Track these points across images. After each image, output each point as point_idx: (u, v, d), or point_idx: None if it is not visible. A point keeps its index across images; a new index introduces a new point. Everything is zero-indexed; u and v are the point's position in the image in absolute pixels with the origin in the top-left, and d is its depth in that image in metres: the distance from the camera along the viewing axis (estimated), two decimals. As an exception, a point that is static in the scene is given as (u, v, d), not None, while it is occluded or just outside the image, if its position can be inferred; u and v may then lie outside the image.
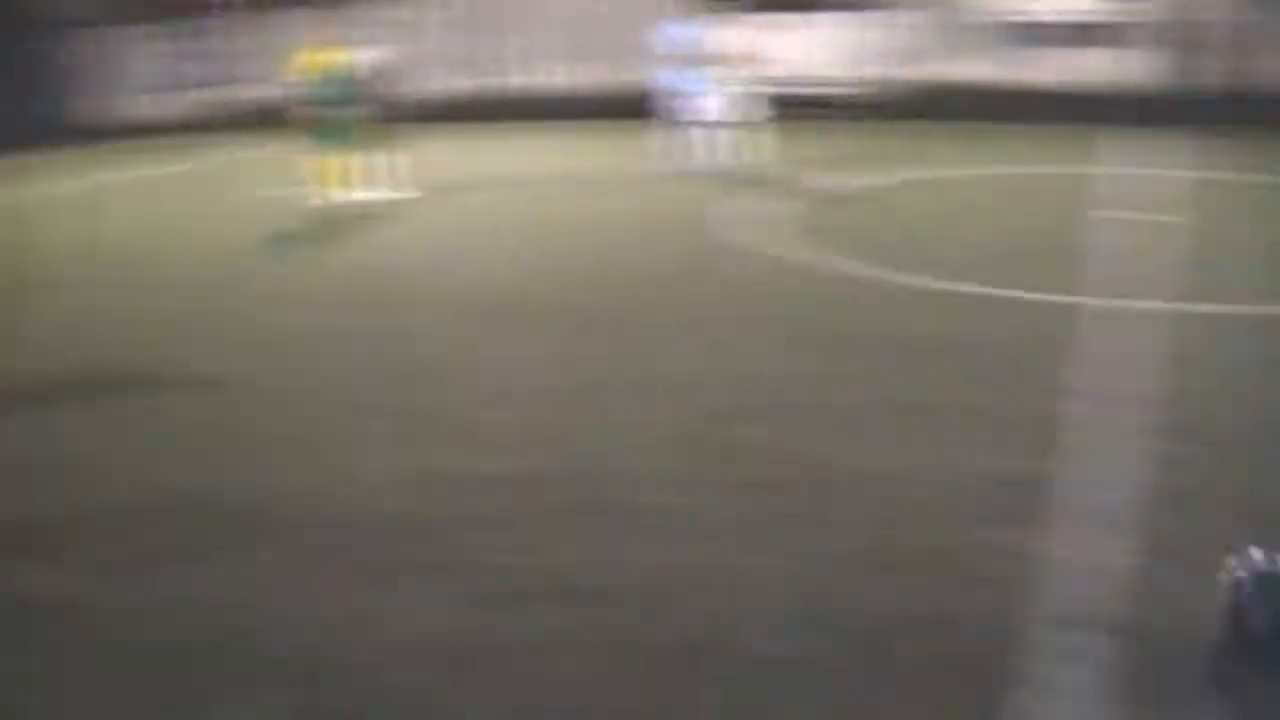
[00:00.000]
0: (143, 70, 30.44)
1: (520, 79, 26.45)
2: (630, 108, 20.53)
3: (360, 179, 14.33)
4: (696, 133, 15.63)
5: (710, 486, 5.40)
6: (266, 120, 24.59)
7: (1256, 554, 3.78)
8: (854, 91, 23.47)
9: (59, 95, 31.30)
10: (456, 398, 6.93)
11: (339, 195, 14.16)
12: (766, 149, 15.97)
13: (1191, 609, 3.97)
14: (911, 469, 5.51)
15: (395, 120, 14.61)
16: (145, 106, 30.07)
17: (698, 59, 15.54)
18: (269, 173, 17.48)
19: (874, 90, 23.51)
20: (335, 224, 13.31)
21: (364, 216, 13.63)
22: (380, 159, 14.51)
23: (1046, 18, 22.04)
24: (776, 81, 19.64)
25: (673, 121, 15.72)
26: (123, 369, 7.97)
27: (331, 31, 15.07)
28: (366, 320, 8.92)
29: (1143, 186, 13.54)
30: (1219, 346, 7.42)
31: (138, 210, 15.57)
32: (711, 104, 15.52)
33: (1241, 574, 3.75)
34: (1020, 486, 5.17)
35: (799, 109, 22.06)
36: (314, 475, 5.79)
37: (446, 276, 10.40)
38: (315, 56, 14.26)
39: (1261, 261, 9.73)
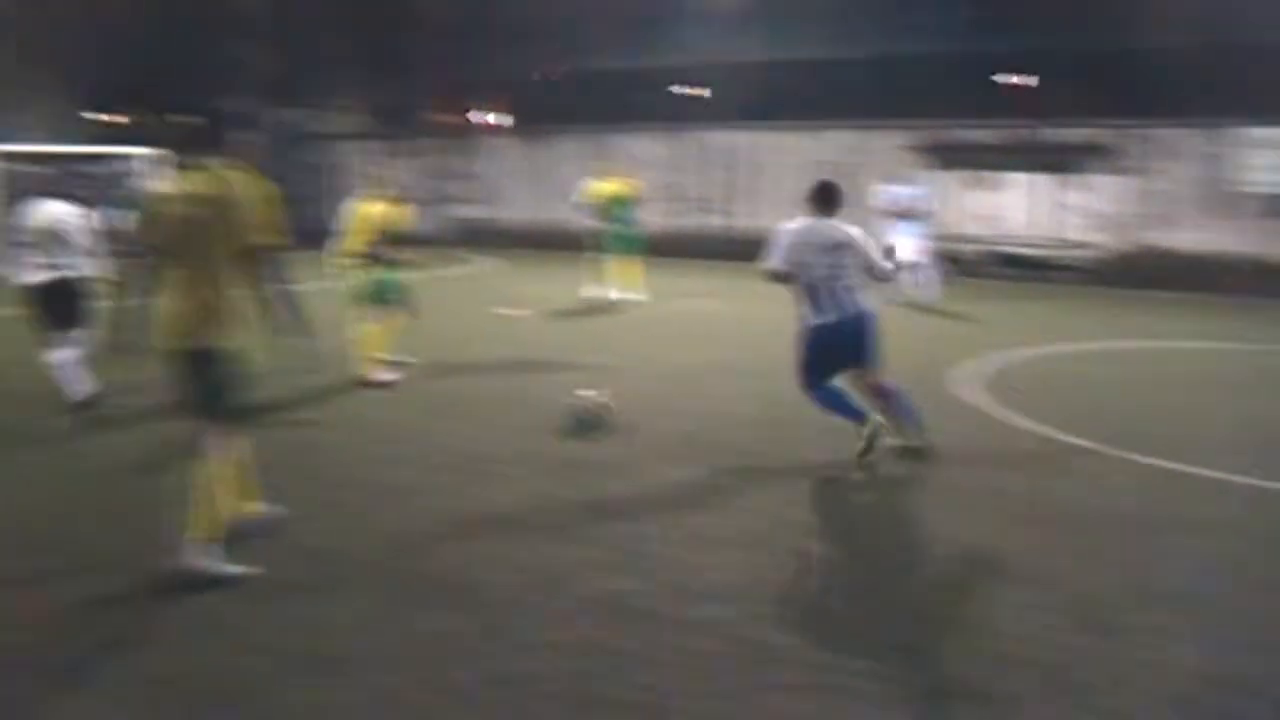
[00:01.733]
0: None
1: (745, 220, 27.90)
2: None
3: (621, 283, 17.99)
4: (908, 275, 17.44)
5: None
6: (512, 241, 29.46)
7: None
8: (1060, 254, 24.32)
9: (326, 201, 33.99)
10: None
11: (619, 294, 17.91)
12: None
13: None
14: None
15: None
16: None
17: (911, 213, 18.33)
18: (505, 291, 19.64)
19: (1081, 254, 24.17)
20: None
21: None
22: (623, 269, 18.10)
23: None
24: (978, 239, 23.48)
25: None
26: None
27: (615, 166, 19.22)
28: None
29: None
30: None
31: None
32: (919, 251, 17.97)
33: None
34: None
35: (1002, 268, 24.37)
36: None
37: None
38: (607, 185, 18.18)
39: None
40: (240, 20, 38.84)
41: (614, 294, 17.76)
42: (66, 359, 9.82)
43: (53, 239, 9.77)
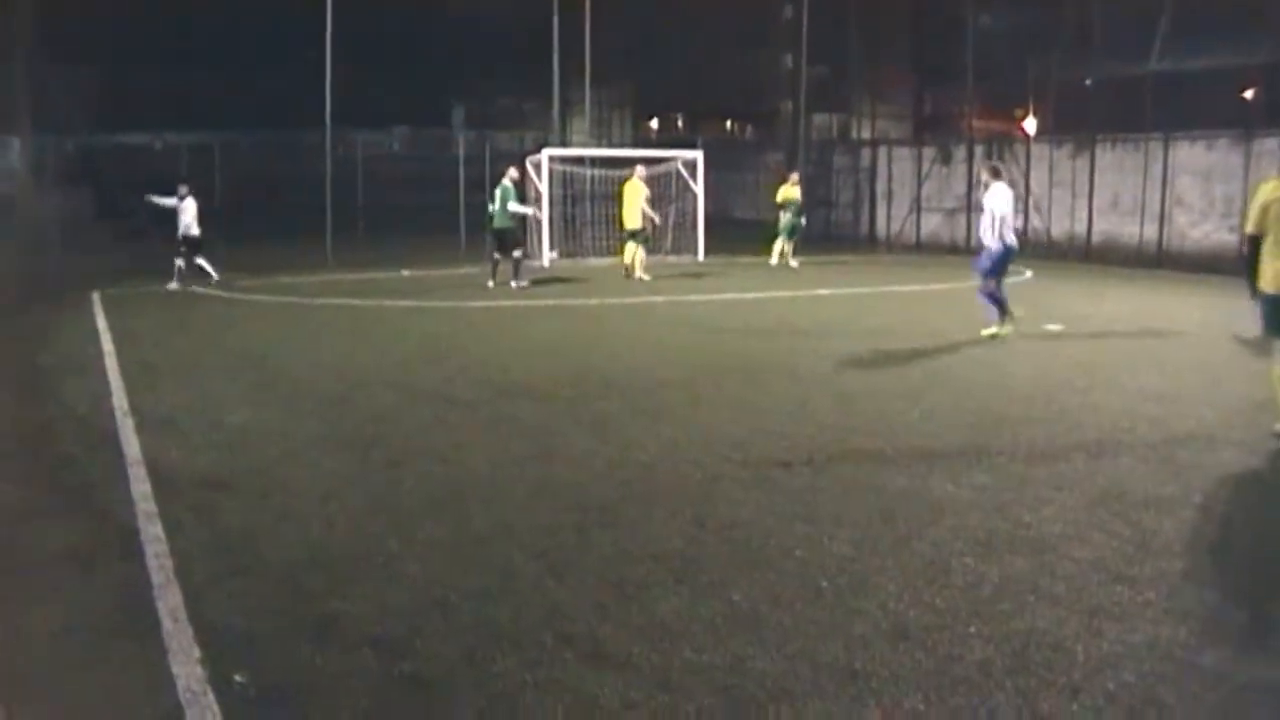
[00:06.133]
0: (932, 189, 33.59)
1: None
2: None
3: None
4: None
5: None
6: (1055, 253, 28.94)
7: None
8: None
9: (857, 207, 36.94)
10: None
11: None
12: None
13: None
14: None
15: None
16: (926, 224, 33.78)
17: None
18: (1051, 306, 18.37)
19: None
20: None
21: None
22: None
23: None
24: None
25: None
26: None
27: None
28: None
29: None
30: None
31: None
32: None
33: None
34: None
35: None
36: None
37: None
38: None
39: None
40: (783, 29, 39.87)
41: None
42: None
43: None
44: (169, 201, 22.32)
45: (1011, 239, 15.15)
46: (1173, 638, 5.40)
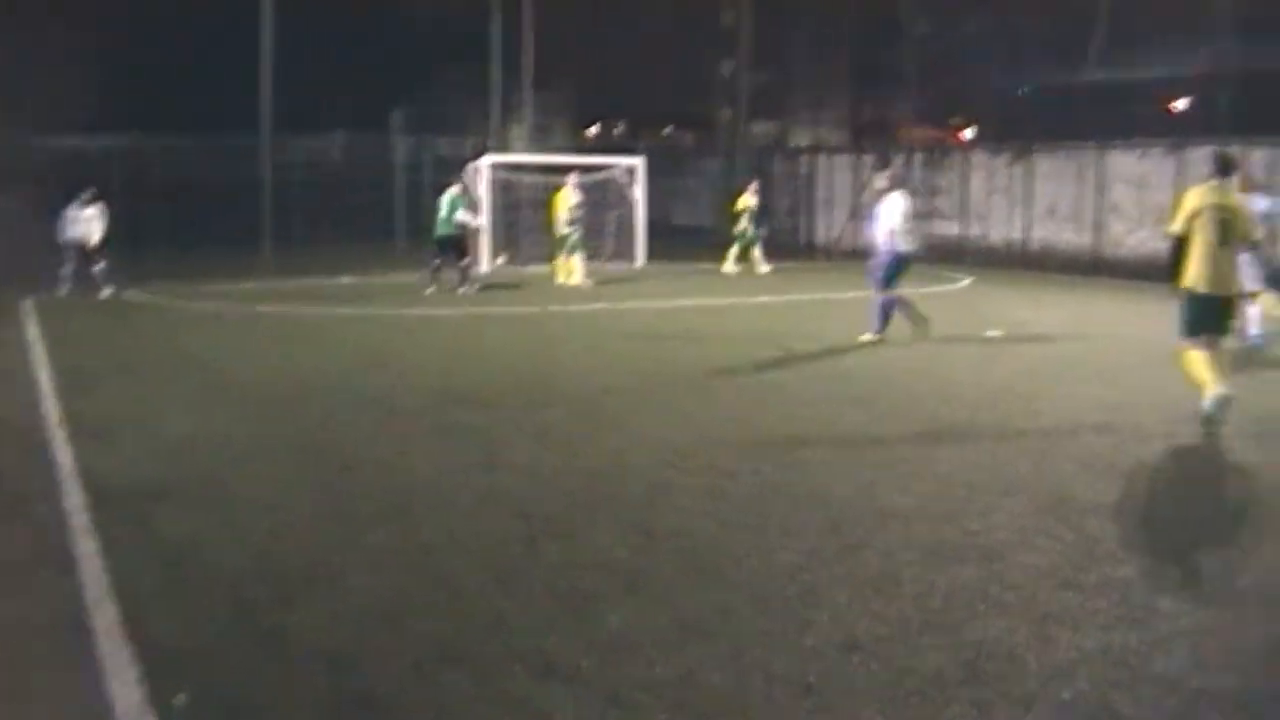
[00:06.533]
0: (870, 197, 31.67)
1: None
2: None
3: None
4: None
5: None
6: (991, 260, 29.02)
7: None
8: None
9: (795, 214, 36.32)
10: None
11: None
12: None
13: None
14: None
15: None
16: (850, 232, 32.90)
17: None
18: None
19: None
20: None
21: None
22: None
23: None
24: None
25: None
26: None
27: None
28: None
29: None
30: None
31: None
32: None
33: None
34: None
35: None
36: None
37: None
38: None
39: None
40: (723, 36, 39.96)
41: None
42: None
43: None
44: (84, 211, 21.78)
45: (905, 247, 15.30)
46: (1125, 644, 5.40)
